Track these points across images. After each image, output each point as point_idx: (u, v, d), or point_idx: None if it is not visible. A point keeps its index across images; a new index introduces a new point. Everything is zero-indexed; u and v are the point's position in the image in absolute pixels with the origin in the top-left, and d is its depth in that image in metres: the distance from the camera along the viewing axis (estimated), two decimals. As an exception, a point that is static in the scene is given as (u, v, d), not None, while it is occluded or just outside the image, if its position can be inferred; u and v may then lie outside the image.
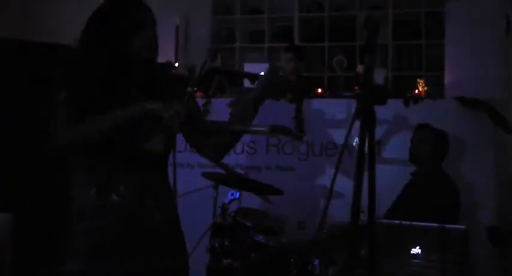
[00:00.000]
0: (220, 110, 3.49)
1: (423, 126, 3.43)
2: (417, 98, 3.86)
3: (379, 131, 1.47)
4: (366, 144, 1.43)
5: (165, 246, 1.75)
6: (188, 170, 3.91)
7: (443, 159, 3.39)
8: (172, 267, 1.76)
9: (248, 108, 1.78)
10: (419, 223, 2.48)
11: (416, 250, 2.38)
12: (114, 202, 1.69)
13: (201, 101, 3.84)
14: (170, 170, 1.84)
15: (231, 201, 3.42)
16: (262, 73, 1.82)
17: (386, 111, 3.70)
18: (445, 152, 3.39)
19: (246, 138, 3.90)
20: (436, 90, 4.13)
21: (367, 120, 1.43)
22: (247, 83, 2.95)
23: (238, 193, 3.44)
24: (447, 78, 3.98)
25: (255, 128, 1.73)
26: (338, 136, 3.83)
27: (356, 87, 3.70)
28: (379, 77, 3.98)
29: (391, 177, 3.52)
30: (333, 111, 3.93)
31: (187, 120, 1.66)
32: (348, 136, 1.64)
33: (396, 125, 3.70)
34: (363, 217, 1.49)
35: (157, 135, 1.72)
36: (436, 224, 2.45)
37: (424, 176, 3.36)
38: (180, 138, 1.87)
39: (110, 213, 1.69)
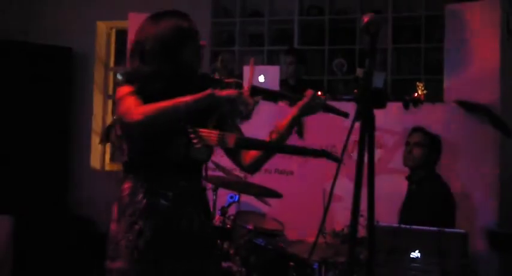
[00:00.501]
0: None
1: (417, 129, 3.44)
2: (417, 101, 3.87)
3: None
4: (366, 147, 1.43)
5: (200, 248, 1.91)
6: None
7: (436, 163, 3.40)
8: (205, 267, 1.92)
9: (287, 129, 1.95)
10: (418, 227, 2.48)
11: (415, 254, 2.38)
12: (163, 206, 1.85)
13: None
14: None
15: (230, 204, 3.42)
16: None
17: (385, 114, 3.70)
18: (438, 156, 3.40)
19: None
20: (436, 93, 4.13)
21: (366, 123, 1.43)
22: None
23: (237, 196, 3.44)
24: (446, 82, 3.98)
25: (301, 150, 1.95)
26: (337, 139, 3.83)
27: (356, 91, 3.69)
28: (379, 80, 3.98)
29: (390, 181, 3.53)
30: (333, 115, 3.92)
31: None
32: (348, 139, 1.64)
33: (395, 129, 3.70)
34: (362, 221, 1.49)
35: (204, 145, 1.84)
36: (435, 228, 2.45)
37: (417, 180, 3.37)
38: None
39: (159, 215, 1.84)
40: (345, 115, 1.95)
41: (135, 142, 1.89)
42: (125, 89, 1.86)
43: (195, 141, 1.82)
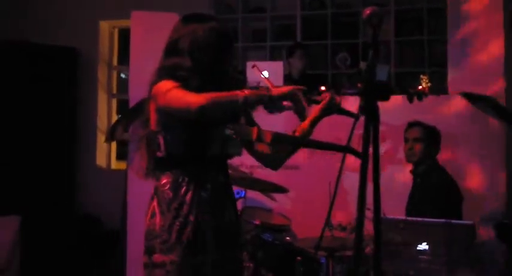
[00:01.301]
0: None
1: (413, 124, 3.44)
2: (421, 94, 3.86)
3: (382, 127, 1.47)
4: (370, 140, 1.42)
5: (235, 238, 2.03)
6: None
7: (437, 154, 3.39)
8: (238, 255, 2.06)
9: (308, 129, 2.11)
10: (426, 219, 2.48)
11: (423, 246, 2.37)
12: (204, 199, 1.93)
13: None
14: None
15: (236, 199, 3.41)
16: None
17: (389, 107, 3.69)
18: (438, 146, 3.40)
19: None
20: (440, 86, 4.12)
21: (370, 116, 1.43)
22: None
23: (243, 192, 3.44)
24: (450, 74, 3.97)
25: (330, 145, 2.09)
26: (342, 133, 3.82)
27: (359, 84, 3.68)
28: (382, 73, 3.97)
29: (395, 174, 3.53)
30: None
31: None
32: (352, 133, 1.64)
33: (399, 122, 3.69)
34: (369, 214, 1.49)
35: (240, 140, 1.95)
36: (442, 220, 2.44)
37: (421, 173, 3.37)
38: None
39: (202, 208, 1.93)
40: (356, 117, 1.98)
41: (176, 136, 1.93)
42: (169, 83, 1.89)
43: (234, 136, 1.93)
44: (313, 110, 2.12)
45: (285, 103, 1.91)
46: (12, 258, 3.50)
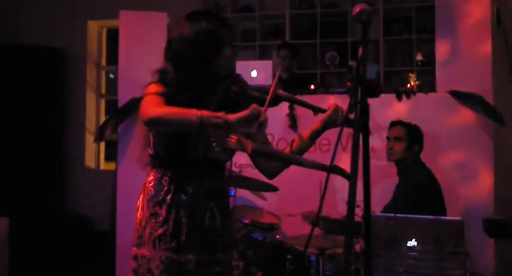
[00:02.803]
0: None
1: (395, 123, 3.46)
2: (409, 92, 3.88)
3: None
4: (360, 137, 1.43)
5: (217, 242, 1.99)
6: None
7: (420, 152, 3.42)
8: (222, 259, 2.00)
9: (308, 141, 2.05)
10: (414, 216, 2.50)
11: (412, 243, 2.39)
12: (183, 201, 1.94)
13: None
14: None
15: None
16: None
17: (378, 105, 3.72)
18: (420, 144, 3.42)
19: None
20: (428, 84, 4.15)
21: (361, 113, 1.43)
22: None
23: (233, 190, 3.44)
24: (438, 73, 4.00)
25: (316, 165, 1.94)
26: (331, 132, 3.83)
27: (348, 83, 3.70)
28: (371, 72, 4.00)
29: (383, 172, 3.55)
30: (326, 107, 3.93)
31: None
32: (342, 131, 1.65)
33: (389, 119, 3.72)
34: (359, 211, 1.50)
35: (226, 147, 1.89)
36: (431, 216, 2.46)
37: (402, 171, 3.40)
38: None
39: (181, 209, 1.94)
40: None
41: (160, 137, 1.96)
42: (153, 88, 1.92)
43: (214, 144, 1.92)
44: (316, 121, 2.04)
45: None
46: (1, 260, 3.47)
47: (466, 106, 3.78)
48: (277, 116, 3.70)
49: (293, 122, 3.84)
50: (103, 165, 6.02)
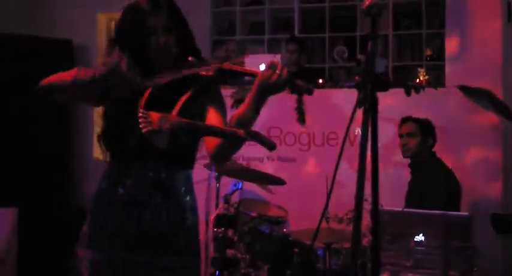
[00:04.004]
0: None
1: (406, 119, 3.45)
2: (418, 87, 3.85)
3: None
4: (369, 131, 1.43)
5: (169, 244, 1.76)
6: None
7: (433, 146, 3.41)
8: (173, 264, 1.76)
9: (247, 111, 1.70)
10: (422, 210, 2.49)
11: (419, 237, 2.39)
12: (121, 195, 1.75)
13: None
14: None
15: (233, 191, 3.42)
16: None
17: (387, 100, 3.70)
18: (434, 139, 3.41)
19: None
20: (437, 79, 4.13)
21: (369, 106, 1.43)
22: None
23: (240, 183, 3.45)
24: (448, 68, 3.98)
25: (231, 130, 1.67)
26: (339, 126, 3.84)
27: (357, 77, 3.69)
28: (380, 66, 3.98)
29: (392, 167, 3.54)
30: (334, 101, 3.94)
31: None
32: (350, 125, 1.63)
33: (397, 115, 3.71)
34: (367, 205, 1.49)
35: (159, 132, 1.63)
36: (439, 212, 2.46)
37: (418, 166, 3.39)
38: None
39: (118, 205, 1.76)
40: (310, 91, 1.73)
41: (103, 128, 1.83)
42: None
43: (141, 125, 1.61)
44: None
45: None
46: (10, 250, 3.50)
47: (475, 101, 3.76)
48: (284, 109, 3.69)
49: (301, 116, 3.82)
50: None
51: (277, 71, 1.64)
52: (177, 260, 1.76)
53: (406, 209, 2.41)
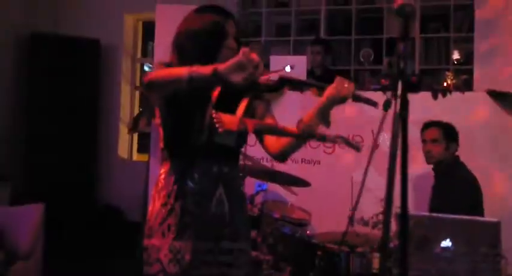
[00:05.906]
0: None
1: (430, 124, 3.38)
2: (445, 91, 3.82)
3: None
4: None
5: (229, 230, 1.96)
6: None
7: (456, 150, 3.35)
8: (228, 249, 1.96)
9: (314, 119, 1.91)
10: (449, 216, 2.46)
11: (446, 243, 2.35)
12: (190, 188, 1.92)
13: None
14: None
15: (258, 192, 3.43)
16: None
17: (414, 104, 3.66)
18: (457, 143, 3.35)
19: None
20: (465, 83, 4.08)
21: (400, 109, 1.40)
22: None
23: (265, 185, 3.44)
24: (476, 72, 3.93)
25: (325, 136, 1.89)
26: (364, 129, 3.82)
27: (383, 80, 3.67)
28: (409, 68, 3.93)
29: (417, 170, 3.51)
30: (359, 104, 3.90)
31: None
32: (380, 130, 1.61)
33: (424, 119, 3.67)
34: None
35: (230, 132, 1.86)
36: (466, 217, 2.42)
37: (443, 170, 3.34)
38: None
39: (187, 197, 1.92)
40: (374, 104, 1.91)
41: (166, 124, 1.96)
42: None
43: (217, 125, 1.81)
44: (321, 98, 1.91)
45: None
46: (36, 246, 3.55)
47: (503, 106, 3.71)
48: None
49: (325, 118, 3.81)
50: (135, 156, 6.10)
51: (345, 85, 1.86)
52: (235, 245, 1.97)
53: (433, 214, 2.38)
